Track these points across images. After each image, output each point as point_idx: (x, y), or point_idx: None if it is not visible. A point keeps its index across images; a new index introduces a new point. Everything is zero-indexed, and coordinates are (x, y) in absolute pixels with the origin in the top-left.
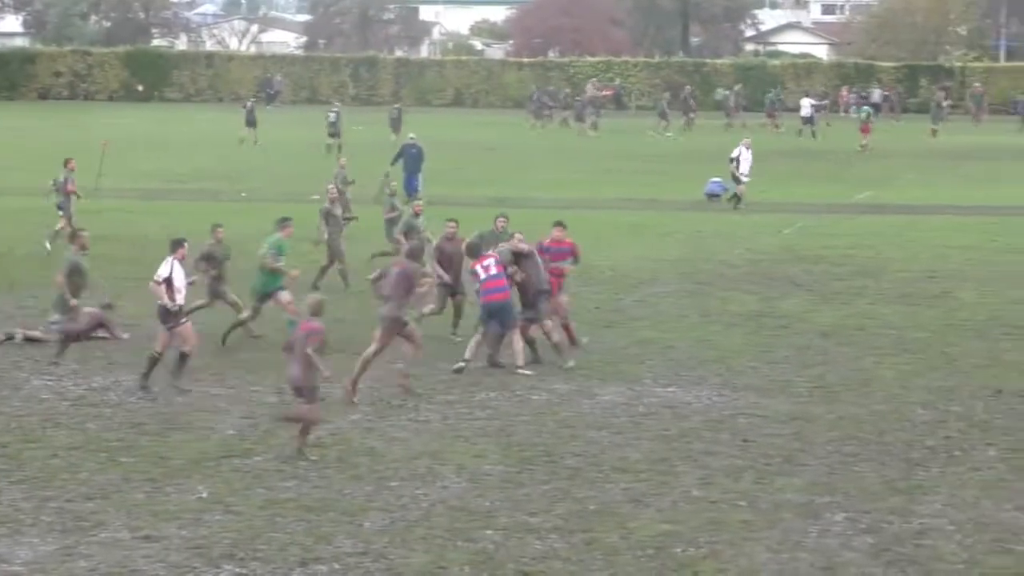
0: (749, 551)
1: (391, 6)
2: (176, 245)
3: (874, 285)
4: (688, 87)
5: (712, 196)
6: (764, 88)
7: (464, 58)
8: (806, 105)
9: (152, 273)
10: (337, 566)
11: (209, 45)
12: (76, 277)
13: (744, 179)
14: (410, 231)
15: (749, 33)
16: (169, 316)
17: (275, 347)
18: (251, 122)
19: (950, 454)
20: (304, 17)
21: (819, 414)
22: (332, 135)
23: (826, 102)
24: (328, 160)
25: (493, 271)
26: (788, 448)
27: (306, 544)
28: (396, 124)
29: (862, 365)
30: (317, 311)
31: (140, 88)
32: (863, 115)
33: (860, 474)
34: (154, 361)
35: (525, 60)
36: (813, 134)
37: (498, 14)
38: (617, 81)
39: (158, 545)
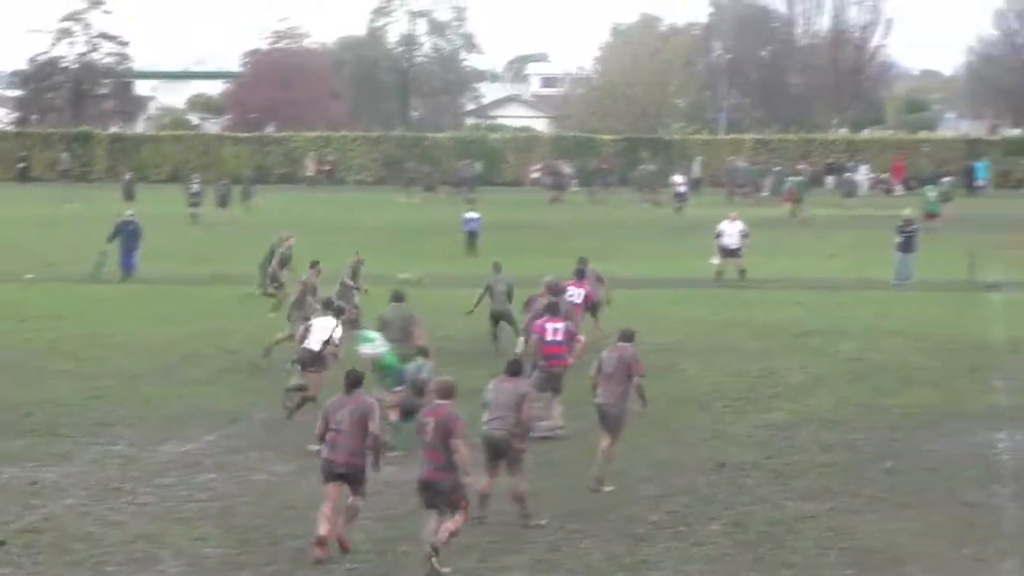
0: None
1: (105, 81)
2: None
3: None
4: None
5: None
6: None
7: (180, 133)
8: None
9: None
10: None
11: None
12: None
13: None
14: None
15: (470, 106)
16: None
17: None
18: (229, 201)
19: (674, 529)
20: (16, 92)
21: (544, 489)
22: (193, 205)
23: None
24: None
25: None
26: (513, 525)
27: None
28: (128, 193)
29: (587, 441)
30: None
31: None
32: (787, 185)
33: (585, 550)
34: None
35: (242, 135)
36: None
37: (215, 88)
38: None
39: None
